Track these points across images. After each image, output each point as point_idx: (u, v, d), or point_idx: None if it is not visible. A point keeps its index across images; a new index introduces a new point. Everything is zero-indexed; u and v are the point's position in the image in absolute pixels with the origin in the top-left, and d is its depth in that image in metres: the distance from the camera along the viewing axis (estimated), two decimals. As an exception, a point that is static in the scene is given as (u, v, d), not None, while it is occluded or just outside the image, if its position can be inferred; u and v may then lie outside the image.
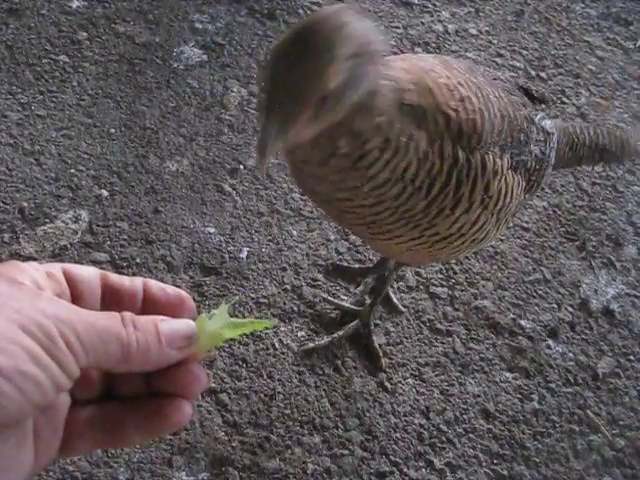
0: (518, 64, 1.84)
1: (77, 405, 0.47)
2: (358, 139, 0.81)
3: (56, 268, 0.47)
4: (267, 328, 0.41)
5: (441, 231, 0.93)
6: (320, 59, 0.71)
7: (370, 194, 0.86)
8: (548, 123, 1.10)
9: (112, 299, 0.48)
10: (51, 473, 1.10)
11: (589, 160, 1.32)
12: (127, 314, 0.45)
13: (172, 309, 0.49)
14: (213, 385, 1.21)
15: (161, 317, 0.47)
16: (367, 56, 0.76)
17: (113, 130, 1.59)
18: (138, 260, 1.36)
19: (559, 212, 1.53)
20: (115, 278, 0.49)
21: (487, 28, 1.94)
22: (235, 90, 1.69)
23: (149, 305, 0.49)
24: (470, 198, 0.91)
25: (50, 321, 0.40)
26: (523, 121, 1.00)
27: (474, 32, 1.92)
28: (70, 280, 0.47)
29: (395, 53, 1.79)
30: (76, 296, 0.47)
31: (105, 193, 1.47)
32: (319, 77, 0.71)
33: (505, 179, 0.95)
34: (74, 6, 1.85)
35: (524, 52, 1.88)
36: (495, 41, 1.90)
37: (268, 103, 0.72)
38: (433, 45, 1.86)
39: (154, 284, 0.50)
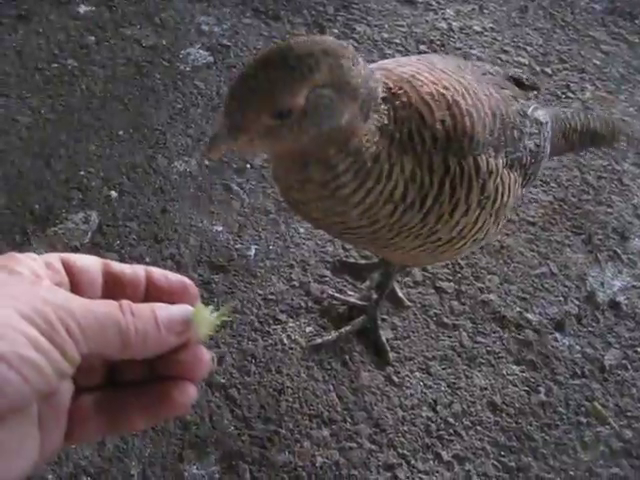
0: (523, 60, 1.85)
1: (80, 392, 0.47)
2: (331, 170, 0.81)
3: (54, 258, 0.46)
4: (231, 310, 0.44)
5: (443, 236, 0.93)
6: (277, 76, 0.72)
7: (362, 216, 0.86)
8: (541, 113, 1.09)
9: (115, 287, 0.48)
10: (64, 468, 1.12)
11: (582, 145, 1.32)
12: (125, 302, 0.45)
13: (175, 296, 0.49)
14: (222, 380, 1.22)
15: (159, 304, 0.47)
16: (346, 93, 0.76)
17: (121, 132, 1.61)
18: (147, 259, 1.37)
19: (565, 206, 1.53)
20: (117, 266, 0.49)
21: (491, 25, 1.95)
22: (241, 90, 1.70)
23: (152, 293, 0.49)
24: (467, 201, 0.91)
25: (49, 308, 0.40)
26: (516, 117, 0.99)
27: (478, 29, 1.93)
28: (69, 269, 0.46)
29: (400, 52, 1.81)
30: (75, 285, 0.46)
31: (114, 194, 1.49)
32: (270, 93, 0.72)
33: (501, 178, 0.95)
34: (82, 11, 1.87)
35: (529, 48, 1.89)
36: (499, 38, 1.91)
37: (225, 109, 0.74)
38: (437, 43, 1.87)
39: (157, 271, 0.50)
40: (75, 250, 1.38)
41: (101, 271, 0.48)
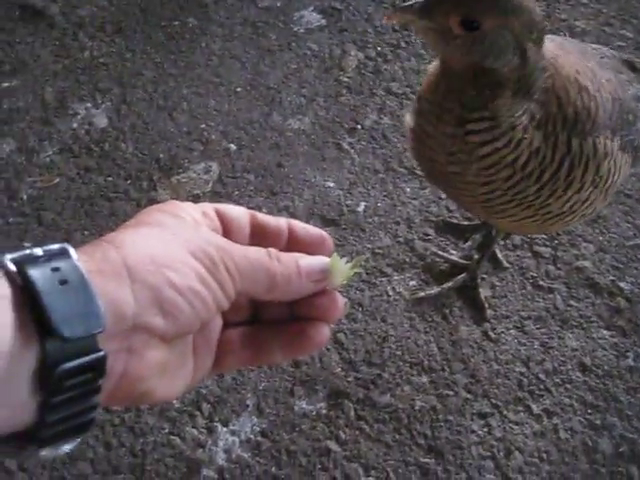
0: (628, 34, 1.85)
1: (228, 327, 0.53)
2: (474, 111, 0.88)
3: (209, 207, 0.52)
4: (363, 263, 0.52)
5: (554, 210, 1.00)
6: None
7: (480, 172, 0.93)
8: None
9: (260, 236, 0.53)
10: (187, 395, 1.23)
11: None
12: (272, 250, 0.50)
13: (313, 247, 0.54)
14: (332, 325, 1.31)
15: (300, 254, 0.52)
16: (519, 53, 0.84)
17: (239, 89, 1.70)
18: (264, 210, 1.46)
19: (662, 180, 1.56)
20: (262, 217, 0.54)
21: (597, -4, 1.95)
22: (352, 54, 1.77)
23: (292, 243, 0.54)
24: (582, 180, 0.97)
25: (212, 248, 0.46)
26: (631, 101, 1.05)
27: (584, 1, 1.94)
28: (221, 218, 0.52)
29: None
30: (227, 232, 0.52)
31: (233, 147, 1.59)
32: (470, 2, 0.80)
33: (615, 160, 1.00)
34: (200, -29, 1.96)
35: (634, 21, 1.88)
36: (605, 10, 1.91)
37: None
38: (543, 14, 1.89)
39: (297, 224, 0.55)
40: (197, 198, 1.49)
41: (248, 221, 0.54)
